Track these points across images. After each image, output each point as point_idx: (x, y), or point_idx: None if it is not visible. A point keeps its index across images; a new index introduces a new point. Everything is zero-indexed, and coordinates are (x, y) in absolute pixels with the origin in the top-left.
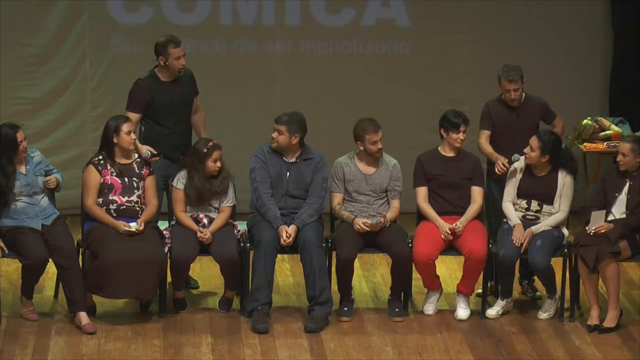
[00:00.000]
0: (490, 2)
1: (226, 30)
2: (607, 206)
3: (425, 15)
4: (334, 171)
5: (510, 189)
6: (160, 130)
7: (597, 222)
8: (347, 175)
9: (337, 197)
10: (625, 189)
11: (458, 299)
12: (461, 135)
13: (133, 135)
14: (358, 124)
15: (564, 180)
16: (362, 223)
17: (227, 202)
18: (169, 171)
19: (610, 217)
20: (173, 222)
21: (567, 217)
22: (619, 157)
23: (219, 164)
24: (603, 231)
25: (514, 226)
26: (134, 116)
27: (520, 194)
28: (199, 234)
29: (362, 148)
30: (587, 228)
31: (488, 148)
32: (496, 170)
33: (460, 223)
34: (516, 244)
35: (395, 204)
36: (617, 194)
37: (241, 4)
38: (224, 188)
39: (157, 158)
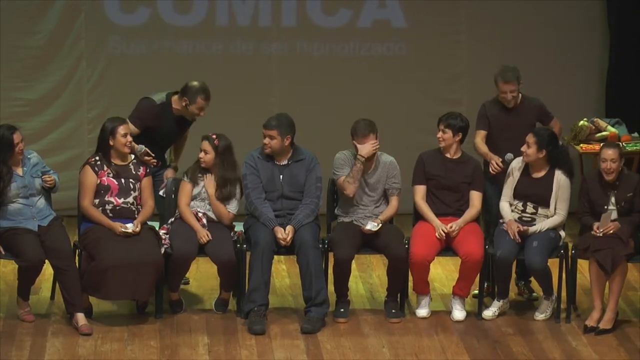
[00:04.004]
0: (487, 3)
1: (222, 31)
2: (595, 215)
3: (421, 17)
4: (337, 162)
5: (508, 189)
6: (149, 146)
7: (603, 223)
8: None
9: (342, 177)
10: (612, 200)
11: (454, 301)
12: (439, 134)
13: (129, 137)
14: (353, 124)
15: (559, 182)
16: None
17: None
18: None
19: None
20: (172, 220)
21: (564, 220)
22: (608, 165)
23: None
24: (612, 231)
25: (507, 222)
26: (133, 129)
27: (517, 194)
28: (198, 235)
29: (353, 143)
30: (595, 229)
31: (483, 148)
32: (490, 169)
33: (456, 225)
34: (512, 237)
35: (394, 201)
36: (605, 207)
37: (237, 5)
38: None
39: (153, 160)
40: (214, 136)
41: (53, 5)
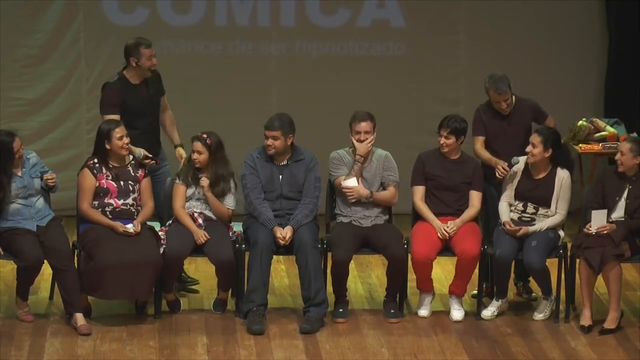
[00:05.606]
0: (485, 3)
1: (221, 31)
2: (605, 209)
3: (420, 16)
4: (332, 162)
5: (509, 190)
6: (131, 132)
7: (598, 222)
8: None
9: (340, 178)
10: (625, 193)
11: (451, 301)
12: (442, 140)
13: (125, 139)
14: (353, 114)
15: (561, 182)
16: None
17: (228, 203)
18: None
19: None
20: (170, 222)
21: (564, 220)
22: (618, 156)
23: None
24: (606, 232)
25: (503, 223)
26: (114, 118)
27: (517, 195)
28: (195, 236)
29: (351, 138)
30: (587, 227)
31: (485, 154)
32: (497, 174)
33: (453, 224)
34: (510, 233)
35: (391, 190)
36: (617, 198)
37: (236, 5)
38: (221, 190)
39: (152, 161)
40: (205, 135)
41: (52, 5)
